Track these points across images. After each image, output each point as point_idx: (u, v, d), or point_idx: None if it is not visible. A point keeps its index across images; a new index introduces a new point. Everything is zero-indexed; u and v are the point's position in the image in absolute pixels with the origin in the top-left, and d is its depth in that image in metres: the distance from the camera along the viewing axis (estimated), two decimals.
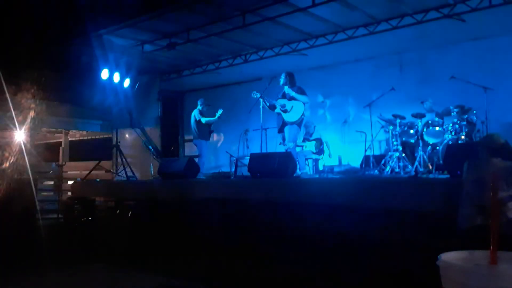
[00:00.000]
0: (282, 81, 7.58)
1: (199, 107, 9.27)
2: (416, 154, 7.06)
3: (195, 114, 9.26)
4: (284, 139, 7.67)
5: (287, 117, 7.46)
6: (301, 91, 7.48)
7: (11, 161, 8.27)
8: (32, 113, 9.61)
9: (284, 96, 7.56)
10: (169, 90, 12.65)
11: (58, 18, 8.70)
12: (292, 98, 7.42)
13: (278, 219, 5.54)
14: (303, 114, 7.46)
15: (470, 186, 3.49)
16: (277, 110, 7.54)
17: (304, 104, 7.43)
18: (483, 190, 3.25)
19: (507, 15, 7.19)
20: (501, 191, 3.21)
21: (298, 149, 8.55)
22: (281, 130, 7.65)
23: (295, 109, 7.41)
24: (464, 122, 7.06)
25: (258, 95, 7.63)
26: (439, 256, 2.81)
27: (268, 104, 7.58)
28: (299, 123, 7.51)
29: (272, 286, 5.19)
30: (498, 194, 3.14)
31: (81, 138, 15.50)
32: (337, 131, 10.01)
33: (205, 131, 9.28)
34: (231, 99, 11.54)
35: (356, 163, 8.74)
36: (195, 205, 6.53)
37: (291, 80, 7.56)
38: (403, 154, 7.06)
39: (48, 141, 15.17)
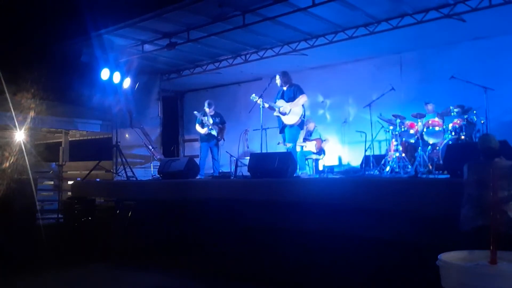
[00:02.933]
0: (279, 83, 7.57)
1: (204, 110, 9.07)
2: (416, 154, 7.06)
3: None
4: (284, 140, 7.67)
5: (286, 119, 7.41)
6: (298, 89, 7.44)
7: (11, 161, 8.26)
8: (32, 113, 9.60)
9: (282, 96, 7.55)
10: (169, 90, 12.67)
11: (58, 17, 8.69)
12: (290, 100, 7.39)
13: (278, 219, 5.54)
14: (302, 116, 7.40)
15: (471, 187, 3.49)
16: (276, 113, 7.51)
17: (303, 106, 7.38)
18: (484, 190, 3.24)
19: (507, 15, 7.19)
20: (502, 191, 3.21)
21: (298, 149, 8.54)
22: (282, 131, 7.63)
23: (293, 112, 7.34)
24: (464, 122, 7.06)
25: (257, 99, 7.61)
26: (439, 256, 2.82)
27: (268, 105, 7.57)
28: (299, 124, 7.48)
29: (272, 285, 5.19)
30: (498, 194, 3.14)
31: (81, 138, 15.48)
32: (337, 131, 10.01)
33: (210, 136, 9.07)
34: (231, 99, 11.55)
35: (356, 163, 8.74)
36: (195, 205, 6.53)
37: (286, 80, 7.51)
38: (403, 154, 7.06)
39: (48, 141, 15.15)
